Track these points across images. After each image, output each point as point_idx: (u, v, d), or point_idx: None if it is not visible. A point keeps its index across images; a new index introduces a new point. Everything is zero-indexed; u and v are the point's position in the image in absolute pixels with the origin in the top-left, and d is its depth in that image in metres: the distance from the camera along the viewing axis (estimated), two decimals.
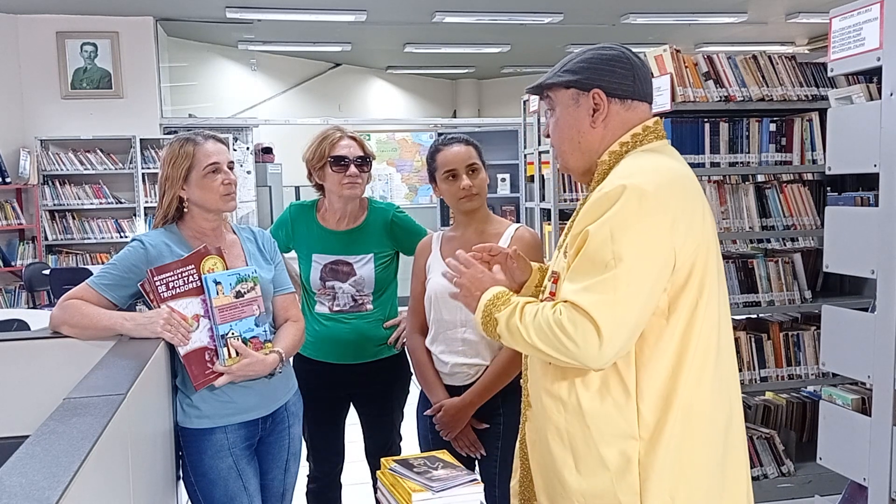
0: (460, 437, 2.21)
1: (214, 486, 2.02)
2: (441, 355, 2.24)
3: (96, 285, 1.98)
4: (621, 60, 1.51)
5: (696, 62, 3.27)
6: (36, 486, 1.03)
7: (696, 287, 1.41)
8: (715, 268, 1.46)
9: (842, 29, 2.21)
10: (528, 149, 5.60)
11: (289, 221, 2.60)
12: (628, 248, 1.35)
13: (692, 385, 1.41)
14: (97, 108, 7.51)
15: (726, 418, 1.47)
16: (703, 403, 1.42)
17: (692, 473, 1.41)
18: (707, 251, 1.43)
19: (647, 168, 1.44)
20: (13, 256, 7.17)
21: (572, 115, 1.54)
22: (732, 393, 1.51)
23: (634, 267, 1.34)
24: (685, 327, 1.41)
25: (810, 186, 3.44)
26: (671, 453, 1.40)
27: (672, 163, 1.50)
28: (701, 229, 1.43)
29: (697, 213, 1.43)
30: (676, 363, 1.41)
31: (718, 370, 1.45)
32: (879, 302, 2.08)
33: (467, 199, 2.19)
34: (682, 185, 1.44)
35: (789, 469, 3.38)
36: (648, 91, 1.55)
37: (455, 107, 14.08)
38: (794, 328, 3.46)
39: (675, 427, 1.40)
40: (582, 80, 1.51)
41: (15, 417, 1.83)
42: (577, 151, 1.55)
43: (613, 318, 1.33)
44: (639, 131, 1.51)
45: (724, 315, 1.50)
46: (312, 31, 9.09)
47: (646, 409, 1.40)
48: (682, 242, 1.38)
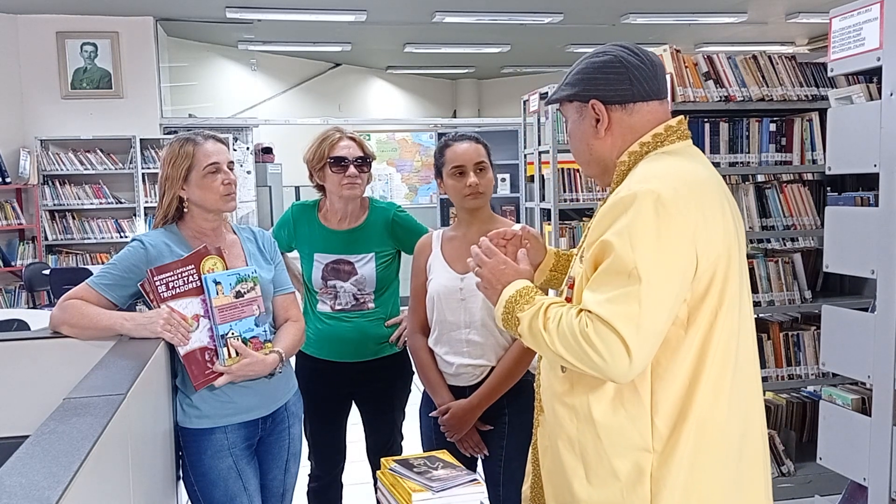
0: (465, 438, 2.20)
1: (214, 486, 2.02)
2: (445, 356, 2.23)
3: (96, 285, 1.98)
4: (613, 65, 1.46)
5: (696, 62, 3.27)
6: (36, 486, 1.03)
7: (717, 296, 1.37)
8: (737, 276, 1.41)
9: (842, 29, 2.21)
10: (528, 149, 5.60)
11: (291, 221, 2.61)
12: (650, 257, 1.31)
13: (709, 397, 1.37)
14: (97, 108, 7.51)
15: (741, 432, 1.42)
16: (718, 416, 1.38)
17: (705, 488, 1.38)
18: (729, 259, 1.38)
19: (664, 173, 1.40)
20: (13, 256, 7.17)
21: (580, 128, 1.53)
22: (752, 405, 1.46)
23: (657, 278, 1.31)
24: (703, 338, 1.37)
25: (810, 186, 3.44)
26: (684, 467, 1.36)
27: (692, 166, 1.44)
28: (723, 236, 1.38)
29: (718, 219, 1.38)
30: (693, 375, 1.37)
31: (736, 381, 1.41)
32: (879, 302, 2.08)
33: (473, 196, 2.18)
34: (702, 191, 1.38)
35: (789, 469, 3.38)
36: (654, 88, 1.48)
37: (455, 107, 14.07)
38: (794, 328, 3.46)
39: (689, 440, 1.36)
40: (579, 93, 1.49)
41: (15, 417, 1.83)
42: (591, 160, 1.54)
43: (639, 332, 1.30)
44: (660, 131, 1.47)
45: (746, 323, 1.45)
46: (312, 31, 9.09)
47: (660, 422, 1.37)
48: (704, 250, 1.34)
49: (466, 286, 2.15)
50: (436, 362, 2.26)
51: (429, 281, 2.27)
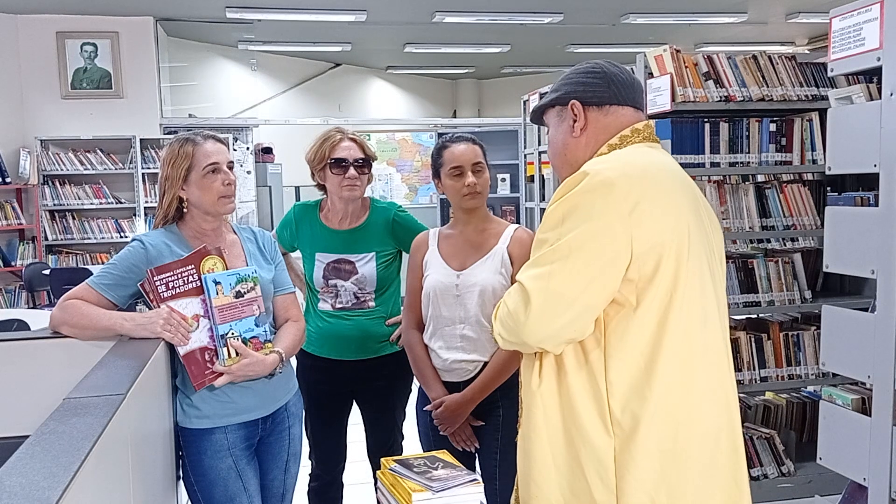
0: (458, 432, 2.24)
1: (214, 486, 2.02)
2: (440, 351, 2.26)
3: (96, 285, 1.98)
4: (594, 71, 1.57)
5: (696, 62, 3.27)
6: (36, 486, 1.03)
7: (669, 281, 1.39)
8: (696, 264, 1.43)
9: (842, 29, 2.21)
10: (528, 149, 5.60)
11: (293, 221, 2.63)
12: (574, 227, 1.38)
13: (671, 383, 1.39)
14: (97, 108, 7.51)
15: (717, 424, 1.44)
16: (685, 403, 1.40)
17: (675, 477, 1.39)
18: (680, 246, 1.40)
19: (618, 159, 1.47)
20: (13, 256, 7.17)
21: (558, 131, 1.61)
22: (725, 396, 1.47)
23: (576, 244, 1.37)
24: (658, 323, 1.39)
25: (810, 186, 3.44)
26: (651, 453, 1.38)
27: (652, 156, 1.50)
28: (675, 220, 1.41)
29: (670, 206, 1.41)
30: (649, 360, 1.39)
31: (709, 374, 1.43)
32: (879, 302, 2.08)
33: (470, 196, 2.23)
34: (655, 176, 1.43)
35: (789, 469, 3.38)
36: (630, 97, 1.56)
37: (455, 107, 14.08)
38: (794, 328, 3.45)
39: (653, 426, 1.38)
40: (561, 96, 1.59)
41: (15, 417, 1.83)
42: (566, 164, 1.60)
43: (545, 290, 1.36)
44: (627, 133, 1.53)
45: (715, 320, 1.47)
46: (312, 31, 9.09)
47: (616, 405, 1.39)
48: (645, 229, 1.37)
49: (462, 282, 2.22)
50: (430, 357, 2.29)
51: (425, 277, 2.30)
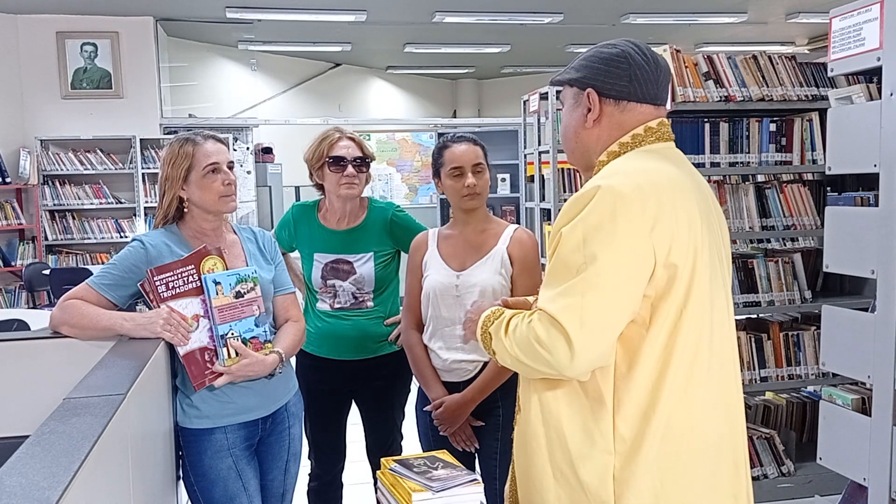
0: (458, 432, 2.24)
1: (214, 486, 2.02)
2: (439, 351, 2.26)
3: (96, 285, 1.98)
4: (619, 60, 1.45)
5: (696, 62, 3.27)
6: (36, 486, 1.03)
7: (682, 295, 1.35)
8: (707, 276, 1.39)
9: (842, 29, 2.20)
10: (528, 149, 5.59)
11: (291, 221, 2.64)
12: (600, 250, 1.31)
13: (676, 399, 1.35)
14: (97, 108, 7.51)
15: (719, 433, 1.40)
16: (688, 418, 1.36)
17: (674, 489, 1.36)
18: (696, 257, 1.36)
19: (631, 169, 1.40)
20: (13, 256, 7.17)
21: (572, 114, 1.53)
22: (731, 407, 1.44)
23: (606, 269, 1.30)
24: (668, 338, 1.35)
25: (810, 186, 3.44)
26: (651, 469, 1.35)
27: (663, 165, 1.43)
28: (688, 234, 1.36)
29: (683, 217, 1.36)
30: (658, 376, 1.35)
31: (712, 383, 1.39)
32: (879, 302, 2.08)
33: (470, 197, 2.22)
34: (669, 188, 1.37)
35: (789, 469, 3.38)
36: (651, 92, 1.47)
37: (455, 107, 14.07)
38: (794, 328, 3.45)
39: (655, 442, 1.34)
40: (580, 79, 1.49)
41: (15, 417, 1.83)
42: (577, 149, 1.55)
43: (583, 326, 1.30)
44: (640, 132, 1.46)
45: (722, 325, 1.43)
46: (312, 31, 9.09)
47: (622, 424, 1.35)
48: (664, 245, 1.33)
49: (462, 283, 2.22)
50: (430, 358, 2.29)
51: (424, 278, 2.30)
